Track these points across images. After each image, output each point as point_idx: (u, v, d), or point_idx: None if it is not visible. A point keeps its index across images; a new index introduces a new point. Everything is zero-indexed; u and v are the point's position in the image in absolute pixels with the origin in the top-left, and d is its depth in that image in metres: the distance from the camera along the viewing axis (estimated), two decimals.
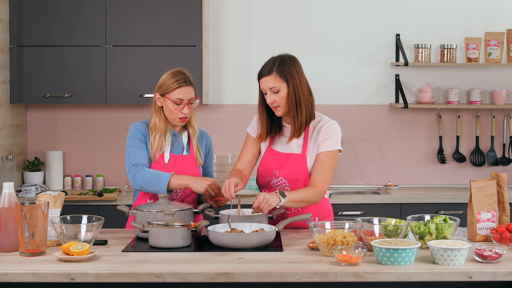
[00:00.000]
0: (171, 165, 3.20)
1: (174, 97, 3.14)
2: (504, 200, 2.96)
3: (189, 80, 3.18)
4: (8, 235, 2.69)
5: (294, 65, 3.10)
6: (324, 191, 3.10)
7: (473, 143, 5.15)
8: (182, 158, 3.23)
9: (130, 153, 3.16)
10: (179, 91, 3.14)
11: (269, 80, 3.08)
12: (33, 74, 4.73)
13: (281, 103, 3.09)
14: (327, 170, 3.11)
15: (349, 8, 5.11)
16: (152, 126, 3.20)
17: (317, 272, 2.43)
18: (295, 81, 3.08)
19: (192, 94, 3.17)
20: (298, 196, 3.03)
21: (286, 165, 3.17)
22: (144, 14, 4.71)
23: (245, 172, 3.26)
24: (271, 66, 3.09)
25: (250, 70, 5.03)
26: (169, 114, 3.18)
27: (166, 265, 2.50)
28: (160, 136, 3.18)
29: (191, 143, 3.27)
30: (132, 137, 3.19)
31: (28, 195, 4.60)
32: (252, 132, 3.30)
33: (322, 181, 3.09)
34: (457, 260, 2.49)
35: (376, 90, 5.14)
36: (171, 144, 3.23)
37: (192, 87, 3.18)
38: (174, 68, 3.23)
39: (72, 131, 5.09)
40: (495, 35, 4.96)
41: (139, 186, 3.12)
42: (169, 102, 3.15)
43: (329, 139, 3.13)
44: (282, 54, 3.14)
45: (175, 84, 3.14)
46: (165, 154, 3.19)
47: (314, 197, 3.07)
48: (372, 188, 5.07)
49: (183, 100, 3.14)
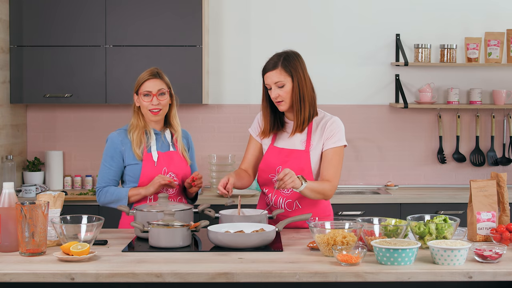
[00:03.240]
0: (160, 162, 3.28)
1: (143, 90, 3.29)
2: (504, 200, 2.96)
3: (159, 74, 3.33)
4: (8, 235, 2.69)
5: (298, 61, 3.16)
6: (336, 186, 3.16)
7: (473, 143, 5.15)
8: (170, 154, 3.32)
9: (99, 173, 3.35)
10: (147, 83, 3.30)
11: (274, 75, 3.12)
12: (33, 74, 4.73)
13: (286, 98, 3.13)
14: (336, 165, 3.17)
15: (349, 8, 5.11)
16: (130, 125, 3.34)
17: (317, 272, 2.43)
18: (300, 76, 3.13)
19: (161, 86, 3.30)
20: (316, 186, 3.07)
21: (289, 161, 3.18)
22: (144, 14, 4.72)
23: (249, 171, 3.30)
24: (275, 61, 3.14)
25: (250, 70, 5.03)
26: (143, 109, 3.32)
27: (166, 265, 2.51)
28: (139, 132, 3.30)
29: (174, 139, 3.37)
30: (105, 153, 3.35)
31: (28, 195, 4.60)
32: (254, 133, 3.32)
33: (334, 177, 3.15)
34: (457, 260, 2.49)
35: (376, 90, 5.14)
36: (156, 142, 3.31)
37: (161, 80, 3.32)
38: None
39: (72, 131, 5.09)
40: (495, 35, 4.96)
41: (105, 205, 3.31)
42: (141, 96, 3.29)
43: (334, 136, 3.18)
44: (286, 50, 3.20)
45: (144, 78, 3.31)
46: (153, 152, 3.29)
47: (329, 191, 3.13)
48: (372, 188, 5.07)
49: (151, 91, 3.28)
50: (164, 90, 3.30)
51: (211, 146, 5.10)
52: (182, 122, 5.11)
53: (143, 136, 3.31)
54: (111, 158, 3.31)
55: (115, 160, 3.30)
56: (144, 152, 3.28)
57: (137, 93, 3.32)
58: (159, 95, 3.28)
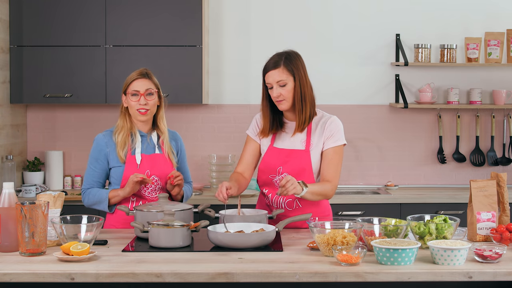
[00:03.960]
0: (143, 165, 3.27)
1: (131, 90, 3.28)
2: (504, 200, 2.96)
3: (147, 74, 3.32)
4: (8, 235, 2.69)
5: (300, 60, 3.19)
6: (337, 185, 3.17)
7: (473, 143, 5.15)
8: (154, 157, 3.30)
9: (84, 175, 3.36)
10: (135, 83, 3.28)
11: (276, 74, 3.13)
12: (33, 74, 4.73)
13: (287, 97, 3.14)
14: (336, 165, 3.18)
15: (349, 8, 5.11)
16: (117, 127, 3.32)
17: (317, 272, 2.43)
18: (301, 75, 3.15)
19: (149, 86, 3.28)
20: (317, 189, 3.08)
21: (290, 161, 3.18)
22: (144, 14, 4.71)
23: (245, 174, 3.29)
24: (277, 60, 3.15)
25: (250, 70, 5.03)
26: (131, 109, 3.30)
27: (166, 265, 2.50)
28: (124, 134, 3.29)
29: (161, 141, 3.35)
30: (90, 155, 3.35)
31: (28, 195, 4.60)
32: (252, 134, 3.31)
33: (334, 176, 3.16)
34: (457, 260, 2.49)
35: (376, 90, 5.13)
36: (141, 145, 3.29)
37: (149, 80, 3.31)
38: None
39: (72, 131, 5.09)
40: (495, 35, 4.96)
41: (90, 206, 3.31)
42: (129, 96, 3.28)
43: (334, 135, 3.19)
44: (286, 50, 3.21)
45: (132, 78, 3.30)
46: (136, 155, 3.27)
47: (330, 191, 3.14)
48: (372, 188, 5.07)
49: (139, 91, 3.26)
50: (152, 90, 3.28)
51: (211, 146, 5.10)
52: (182, 122, 5.11)
53: (128, 138, 3.29)
54: (95, 160, 3.30)
55: (99, 162, 3.29)
56: (128, 155, 3.27)
57: (125, 93, 3.30)
58: (147, 95, 3.26)
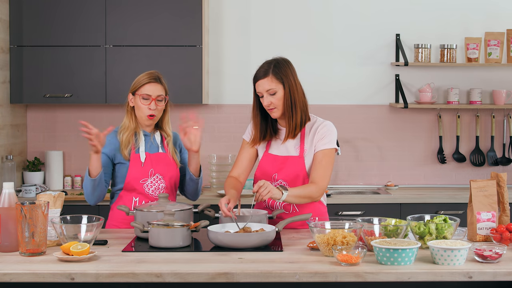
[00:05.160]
0: (147, 164, 3.26)
1: (142, 92, 3.25)
2: (504, 200, 2.96)
3: (159, 79, 3.30)
4: (8, 235, 2.69)
5: (289, 67, 3.16)
6: (324, 187, 3.12)
7: (473, 143, 5.15)
8: (158, 156, 3.30)
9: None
10: (147, 86, 3.25)
11: (265, 83, 3.11)
12: (33, 74, 4.73)
13: (278, 105, 3.12)
14: (325, 167, 3.13)
15: (349, 8, 5.11)
16: (122, 125, 3.32)
17: (317, 272, 2.43)
18: (291, 83, 3.12)
19: (160, 92, 3.27)
20: (299, 192, 3.04)
21: (285, 168, 3.18)
22: (144, 14, 4.72)
23: (240, 178, 3.28)
24: (266, 69, 3.13)
25: (250, 70, 5.00)
26: (138, 111, 3.28)
27: (166, 265, 2.51)
28: (129, 134, 3.28)
29: (165, 142, 3.35)
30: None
31: (28, 195, 4.60)
32: (248, 138, 3.31)
33: (321, 178, 3.11)
34: (457, 260, 2.49)
35: (376, 90, 5.14)
36: (145, 144, 3.29)
37: (161, 85, 3.29)
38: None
39: (72, 131, 5.09)
40: (495, 35, 4.96)
41: (88, 196, 3.19)
42: (138, 98, 3.26)
43: (325, 138, 3.16)
44: (275, 57, 3.19)
45: (144, 80, 3.27)
46: (141, 153, 3.27)
47: (315, 193, 3.09)
48: (372, 188, 5.07)
49: (150, 95, 3.24)
50: (163, 97, 3.28)
51: (211, 146, 5.10)
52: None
53: (132, 137, 3.29)
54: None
55: (105, 148, 3.25)
56: (132, 153, 3.27)
57: (134, 94, 3.29)
58: (157, 101, 3.26)
